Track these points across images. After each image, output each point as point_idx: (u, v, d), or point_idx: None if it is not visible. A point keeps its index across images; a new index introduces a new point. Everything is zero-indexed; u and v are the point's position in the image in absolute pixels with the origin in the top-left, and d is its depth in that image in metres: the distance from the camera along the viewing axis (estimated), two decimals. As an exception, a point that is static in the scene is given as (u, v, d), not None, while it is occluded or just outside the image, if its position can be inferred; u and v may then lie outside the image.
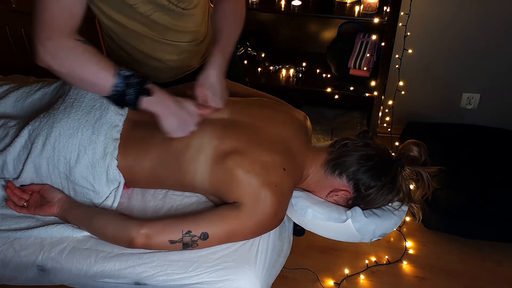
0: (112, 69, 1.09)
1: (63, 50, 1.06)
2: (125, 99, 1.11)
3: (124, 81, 1.09)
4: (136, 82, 1.10)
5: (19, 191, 1.27)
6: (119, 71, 1.09)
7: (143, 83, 1.11)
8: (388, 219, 1.28)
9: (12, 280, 1.23)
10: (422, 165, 1.27)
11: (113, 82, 1.08)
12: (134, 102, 1.11)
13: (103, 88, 1.09)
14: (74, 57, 1.07)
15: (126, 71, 1.10)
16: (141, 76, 1.11)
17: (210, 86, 1.23)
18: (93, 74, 1.09)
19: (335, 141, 1.31)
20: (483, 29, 2.34)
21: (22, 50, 2.50)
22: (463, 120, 2.63)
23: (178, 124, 1.17)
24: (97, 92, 1.12)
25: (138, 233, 1.14)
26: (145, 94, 1.11)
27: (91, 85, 1.10)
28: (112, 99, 1.12)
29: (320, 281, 2.05)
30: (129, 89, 1.09)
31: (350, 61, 2.40)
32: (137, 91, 1.10)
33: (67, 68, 1.07)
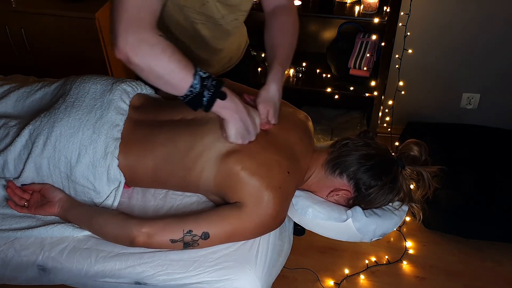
0: (191, 69, 1.06)
1: (146, 45, 1.02)
2: (199, 100, 1.08)
3: (201, 83, 1.06)
4: (212, 84, 1.08)
5: (20, 190, 1.27)
6: (197, 71, 1.07)
7: (219, 85, 1.09)
8: (389, 219, 1.28)
9: (13, 279, 1.23)
10: (422, 165, 1.27)
11: (191, 83, 1.06)
12: (208, 104, 1.09)
13: (180, 88, 1.06)
14: (156, 54, 1.03)
15: (203, 72, 1.08)
16: (217, 78, 1.10)
17: (272, 102, 1.23)
18: (172, 73, 1.05)
19: (336, 141, 1.32)
20: (483, 29, 2.35)
21: (22, 50, 2.50)
22: (463, 120, 2.64)
23: (242, 130, 1.16)
24: (172, 91, 1.08)
25: (139, 232, 1.14)
26: (220, 97, 1.10)
27: (168, 83, 1.07)
28: (186, 99, 1.09)
29: (320, 281, 2.05)
30: (205, 91, 1.07)
31: (350, 61, 2.40)
32: (212, 94, 1.08)
33: (147, 63, 1.03)
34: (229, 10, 1.32)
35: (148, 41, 1.02)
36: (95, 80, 1.33)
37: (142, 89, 1.39)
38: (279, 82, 1.25)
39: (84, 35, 2.33)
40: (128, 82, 1.35)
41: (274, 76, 1.24)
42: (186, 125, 1.26)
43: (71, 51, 2.42)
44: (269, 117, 1.22)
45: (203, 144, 1.21)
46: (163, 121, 1.29)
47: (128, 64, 1.03)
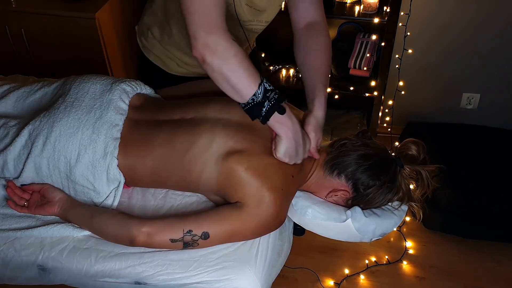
0: (257, 78, 1.09)
1: (221, 47, 1.06)
2: (258, 110, 1.10)
3: (264, 93, 1.09)
4: (274, 97, 1.10)
5: (20, 190, 1.27)
6: (263, 82, 1.09)
7: (281, 100, 1.11)
8: (388, 219, 1.28)
9: (13, 279, 1.23)
10: (421, 164, 1.27)
11: (254, 91, 1.08)
12: (265, 116, 1.11)
13: (243, 94, 1.09)
14: (228, 57, 1.06)
15: (268, 84, 1.10)
16: (279, 93, 1.12)
17: (320, 129, 1.25)
18: (239, 79, 1.08)
19: (334, 141, 1.32)
20: (483, 29, 2.35)
21: (22, 50, 2.50)
22: (463, 120, 2.63)
23: (292, 151, 1.17)
24: (235, 96, 1.11)
25: (139, 232, 1.14)
26: (279, 111, 1.11)
27: (234, 88, 1.09)
28: (246, 107, 1.11)
29: (320, 281, 2.05)
30: (266, 102, 1.09)
31: (350, 61, 2.40)
32: (272, 106, 1.10)
33: (219, 65, 1.06)
34: (254, 15, 1.31)
35: (224, 44, 1.06)
36: (94, 80, 1.33)
37: (142, 89, 1.40)
38: (325, 110, 1.27)
39: (84, 35, 2.33)
40: (127, 82, 1.35)
41: (321, 103, 1.27)
42: (185, 124, 1.26)
43: (71, 51, 2.42)
44: (318, 145, 1.24)
45: (201, 144, 1.21)
46: (163, 121, 1.29)
47: (202, 63, 1.07)
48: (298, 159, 1.20)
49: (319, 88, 1.27)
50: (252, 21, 1.33)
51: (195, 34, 1.05)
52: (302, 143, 1.18)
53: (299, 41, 1.36)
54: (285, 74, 2.52)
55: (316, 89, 1.27)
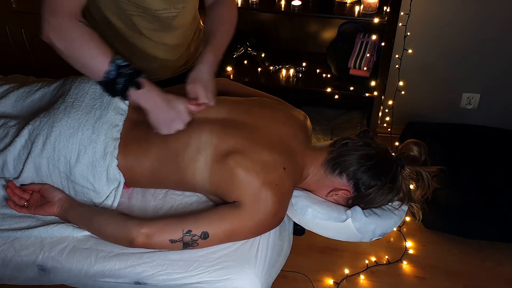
0: (108, 55, 1.11)
1: (66, 28, 1.10)
2: (114, 88, 1.13)
3: (117, 70, 1.11)
4: (128, 73, 1.12)
5: (20, 190, 1.27)
6: (114, 59, 1.11)
7: (135, 75, 1.13)
8: (388, 219, 1.28)
9: (13, 279, 1.23)
10: (422, 165, 1.27)
11: (106, 69, 1.10)
12: (122, 92, 1.13)
13: (96, 73, 1.12)
14: (75, 37, 1.10)
15: (122, 61, 1.12)
16: (135, 68, 1.13)
17: (202, 82, 1.23)
18: (89, 57, 1.12)
19: (336, 141, 1.31)
20: (483, 29, 2.35)
21: (22, 50, 2.50)
22: (463, 120, 2.63)
23: (164, 120, 1.18)
24: (90, 76, 1.15)
25: (138, 232, 1.14)
26: (134, 87, 1.13)
27: (86, 67, 1.13)
28: (103, 85, 1.14)
29: (320, 281, 2.05)
30: (119, 79, 1.11)
31: (350, 61, 2.40)
32: (126, 82, 1.12)
33: (67, 46, 1.11)
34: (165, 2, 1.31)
35: (69, 25, 1.10)
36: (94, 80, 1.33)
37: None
38: (209, 65, 1.25)
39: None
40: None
41: (205, 59, 1.25)
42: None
43: (71, 51, 2.42)
44: (200, 97, 1.22)
45: (195, 145, 1.21)
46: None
47: (53, 47, 1.11)
48: (178, 125, 1.19)
49: (207, 49, 1.27)
50: (168, 9, 1.33)
51: (42, 17, 1.10)
52: (172, 110, 1.18)
53: (206, 14, 1.39)
54: (285, 74, 2.52)
55: (204, 50, 1.27)
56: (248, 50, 2.58)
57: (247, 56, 2.59)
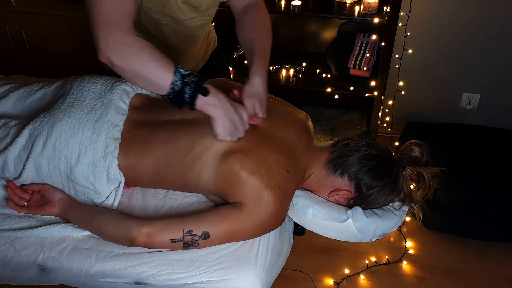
0: (171, 66, 1.07)
1: (124, 45, 1.04)
2: (182, 98, 1.09)
3: (182, 79, 1.07)
4: (193, 80, 1.08)
5: (20, 190, 1.27)
6: (177, 68, 1.07)
7: (201, 82, 1.10)
8: (389, 219, 1.28)
9: (13, 279, 1.23)
10: (423, 166, 1.27)
11: (172, 80, 1.07)
12: (190, 101, 1.09)
13: (161, 86, 1.08)
14: (135, 53, 1.05)
15: (184, 69, 1.08)
16: (198, 75, 1.10)
17: (258, 96, 1.22)
18: (152, 72, 1.07)
19: (337, 141, 1.31)
20: (483, 29, 2.35)
21: (22, 50, 2.50)
22: (463, 120, 2.64)
23: (230, 127, 1.16)
24: (155, 90, 1.10)
25: (139, 232, 1.14)
26: (202, 93, 1.10)
27: (150, 82, 1.08)
28: (169, 98, 1.09)
29: (320, 281, 2.05)
30: (186, 87, 1.08)
31: (350, 61, 2.40)
32: (194, 90, 1.08)
33: (127, 63, 1.05)
34: (194, 11, 1.31)
35: (126, 41, 1.05)
36: (94, 80, 1.33)
37: (142, 89, 1.39)
38: (262, 75, 1.24)
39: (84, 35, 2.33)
40: (127, 82, 1.35)
41: (256, 70, 1.23)
42: (185, 125, 1.26)
43: (71, 51, 2.42)
44: (256, 111, 1.21)
45: (202, 144, 1.21)
46: (163, 121, 1.29)
47: (111, 67, 1.06)
48: (240, 133, 1.18)
49: (255, 59, 1.25)
50: (194, 18, 1.32)
51: (97, 37, 1.04)
52: (237, 116, 1.16)
53: (238, 22, 1.36)
54: (285, 74, 2.52)
55: (254, 60, 1.25)
56: (248, 50, 2.57)
57: (247, 56, 2.59)
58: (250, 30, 1.32)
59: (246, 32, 1.33)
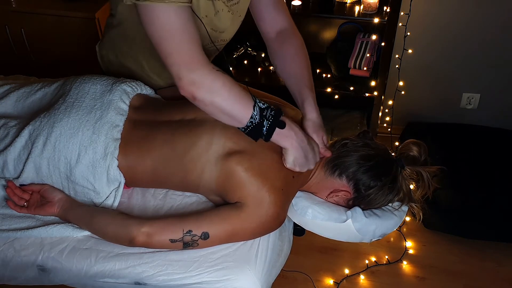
0: (250, 101, 1.09)
1: (207, 81, 1.06)
2: (259, 131, 1.11)
3: (260, 113, 1.09)
4: (271, 114, 1.10)
5: (20, 191, 1.27)
6: (256, 103, 1.09)
7: (278, 115, 1.11)
8: (388, 219, 1.28)
9: (13, 280, 1.23)
10: (422, 165, 1.27)
11: (251, 114, 1.09)
12: (268, 134, 1.11)
13: (241, 120, 1.10)
14: (216, 89, 1.07)
15: (262, 103, 1.10)
16: (275, 108, 1.12)
17: (320, 128, 1.25)
18: (232, 106, 1.08)
19: (335, 142, 1.32)
20: (483, 29, 2.35)
21: (22, 50, 2.50)
22: (463, 120, 2.64)
23: (301, 158, 1.17)
24: (234, 123, 1.12)
25: (139, 232, 1.14)
26: (279, 127, 1.12)
27: (231, 116, 1.10)
28: (247, 130, 1.11)
29: (320, 281, 2.05)
30: (264, 121, 1.10)
31: (350, 61, 2.40)
32: (271, 123, 1.10)
33: (209, 98, 1.07)
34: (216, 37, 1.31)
35: (208, 77, 1.06)
36: (94, 81, 1.33)
37: (142, 90, 1.39)
38: (317, 108, 1.26)
39: (84, 35, 2.33)
40: (128, 82, 1.35)
41: (311, 106, 1.26)
42: (185, 125, 1.26)
43: (71, 51, 2.42)
44: (325, 142, 1.24)
45: (202, 145, 1.21)
46: (163, 122, 1.29)
47: (193, 101, 1.07)
48: (311, 165, 1.19)
49: (305, 92, 1.27)
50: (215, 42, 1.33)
51: (178, 74, 1.05)
52: (310, 148, 1.18)
53: (274, 50, 1.36)
54: (285, 74, 2.52)
55: (303, 94, 1.27)
56: (248, 50, 2.58)
57: (247, 56, 2.59)
58: (291, 61, 1.32)
59: (286, 63, 1.33)
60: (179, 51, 1.04)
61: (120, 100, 1.30)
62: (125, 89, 1.33)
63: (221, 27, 1.28)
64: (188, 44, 1.04)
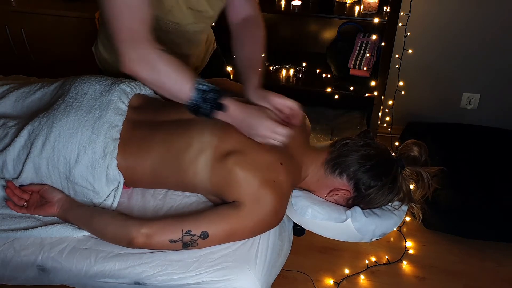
0: (191, 82, 1.11)
1: (148, 59, 1.09)
2: (200, 112, 1.13)
3: (201, 95, 1.11)
4: (212, 97, 1.12)
5: (19, 191, 1.27)
6: (197, 85, 1.11)
7: (219, 98, 1.13)
8: (388, 219, 1.28)
9: (12, 280, 1.23)
10: (422, 165, 1.27)
11: (190, 96, 1.11)
12: (209, 115, 1.14)
13: (181, 99, 1.13)
14: (158, 67, 1.10)
15: (204, 84, 1.12)
16: (217, 90, 1.13)
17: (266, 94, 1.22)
18: (174, 85, 1.12)
19: (336, 141, 1.32)
20: (483, 29, 2.35)
21: (22, 50, 2.50)
22: (463, 120, 2.63)
23: (256, 133, 1.17)
24: (176, 100, 1.15)
25: (138, 233, 1.14)
26: (220, 109, 1.13)
27: (171, 94, 1.14)
28: (188, 109, 1.14)
29: (320, 281, 2.05)
30: (204, 104, 1.12)
31: (350, 61, 2.40)
32: (212, 106, 1.12)
33: (151, 77, 1.11)
34: (197, 17, 1.32)
35: (150, 55, 1.09)
36: (94, 81, 1.33)
37: (141, 90, 1.39)
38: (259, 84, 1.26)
39: (84, 35, 2.34)
40: (127, 82, 1.35)
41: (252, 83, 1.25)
42: (182, 125, 1.26)
43: (71, 51, 2.42)
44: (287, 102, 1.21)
45: (198, 145, 1.21)
46: (161, 122, 1.29)
47: (135, 77, 1.10)
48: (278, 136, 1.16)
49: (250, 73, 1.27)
50: (197, 22, 1.34)
51: (122, 50, 1.08)
52: (263, 117, 1.16)
53: (235, 35, 1.38)
54: (285, 74, 2.52)
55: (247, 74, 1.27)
56: (248, 50, 2.57)
57: (247, 56, 2.59)
58: (247, 47, 1.34)
59: (243, 48, 1.35)
60: (122, 27, 1.07)
61: (119, 100, 1.30)
62: (124, 89, 1.33)
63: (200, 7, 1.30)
64: (135, 23, 1.07)
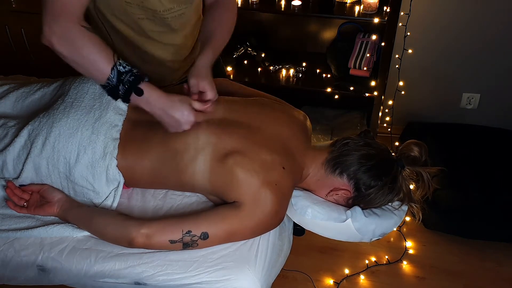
0: (111, 61, 1.11)
1: (69, 34, 1.09)
2: (116, 93, 1.14)
3: (118, 77, 1.11)
4: (129, 80, 1.12)
5: (19, 191, 1.27)
6: (116, 65, 1.11)
7: (137, 81, 1.13)
8: (388, 219, 1.28)
9: (12, 280, 1.23)
10: (422, 165, 1.27)
11: (107, 76, 1.11)
12: (124, 98, 1.14)
13: (98, 78, 1.13)
14: (78, 43, 1.09)
15: (124, 66, 1.12)
16: (137, 74, 1.13)
17: (206, 77, 1.23)
18: (92, 63, 1.11)
19: (336, 141, 1.32)
20: (483, 29, 2.35)
21: (22, 50, 2.50)
22: (463, 120, 2.64)
23: (169, 122, 1.18)
24: (93, 80, 1.16)
25: (138, 233, 1.14)
26: (136, 93, 1.13)
27: (88, 73, 1.14)
28: (105, 89, 1.14)
29: (320, 281, 2.05)
30: (121, 86, 1.12)
31: (350, 61, 2.40)
32: (128, 89, 1.12)
33: (70, 52, 1.10)
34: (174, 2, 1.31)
35: (72, 31, 1.09)
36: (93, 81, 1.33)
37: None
38: (208, 61, 1.26)
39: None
40: None
41: (204, 57, 1.25)
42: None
43: (71, 51, 2.42)
44: (207, 91, 1.22)
45: (195, 145, 1.21)
46: (161, 122, 1.29)
47: (54, 50, 1.10)
48: (185, 124, 1.18)
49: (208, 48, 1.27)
50: (173, 9, 1.32)
51: (44, 22, 1.09)
52: (174, 111, 1.16)
53: (205, 15, 1.39)
54: (285, 74, 2.52)
55: (205, 48, 1.27)
56: (248, 50, 2.58)
57: (247, 56, 2.59)
58: (214, 25, 1.34)
59: (208, 24, 1.35)
60: (60, 2, 1.08)
61: (119, 100, 1.30)
62: (124, 89, 1.33)
63: None
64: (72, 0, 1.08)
